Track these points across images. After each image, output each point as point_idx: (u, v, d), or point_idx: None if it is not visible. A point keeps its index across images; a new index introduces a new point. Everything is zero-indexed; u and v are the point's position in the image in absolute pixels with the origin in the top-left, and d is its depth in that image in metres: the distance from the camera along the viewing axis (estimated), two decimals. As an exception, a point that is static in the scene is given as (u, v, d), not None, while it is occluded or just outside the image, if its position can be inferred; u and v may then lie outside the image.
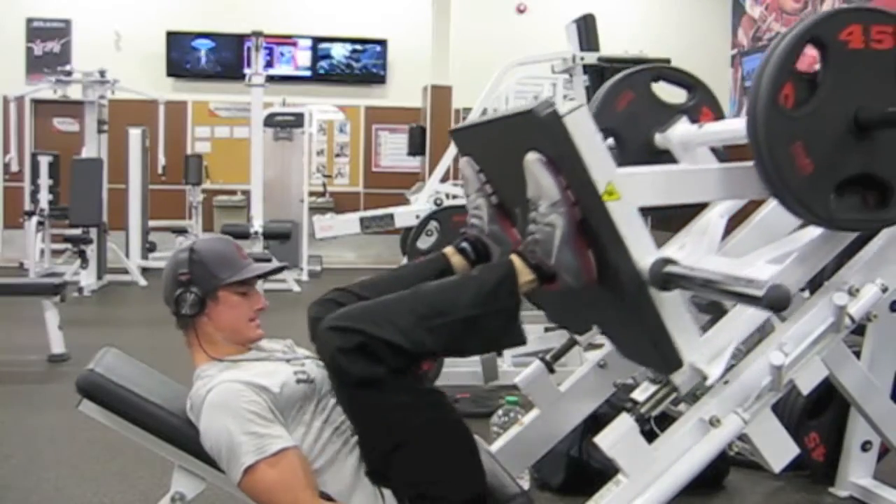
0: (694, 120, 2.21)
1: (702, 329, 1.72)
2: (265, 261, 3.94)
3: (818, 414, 2.78)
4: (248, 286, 1.88)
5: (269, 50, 10.10)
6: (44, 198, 7.61)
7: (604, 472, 1.77)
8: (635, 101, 2.23)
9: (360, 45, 10.68)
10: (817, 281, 1.84)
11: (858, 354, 2.46)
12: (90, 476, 2.87)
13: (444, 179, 5.63)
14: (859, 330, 2.35)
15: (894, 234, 1.84)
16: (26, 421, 3.50)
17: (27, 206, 8.10)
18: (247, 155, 8.05)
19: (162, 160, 8.97)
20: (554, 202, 1.59)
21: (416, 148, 8.66)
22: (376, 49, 10.67)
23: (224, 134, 10.51)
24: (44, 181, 7.64)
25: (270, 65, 10.08)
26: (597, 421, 2.15)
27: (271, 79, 8.46)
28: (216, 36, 10.42)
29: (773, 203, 1.89)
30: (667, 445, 1.67)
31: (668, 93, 2.28)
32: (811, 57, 1.58)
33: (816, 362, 1.77)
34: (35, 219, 7.59)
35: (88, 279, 7.18)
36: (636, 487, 1.63)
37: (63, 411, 2.75)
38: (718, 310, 1.86)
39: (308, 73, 10.63)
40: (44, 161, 7.71)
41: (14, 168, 9.42)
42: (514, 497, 1.75)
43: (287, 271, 6.87)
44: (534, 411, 2.25)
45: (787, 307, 1.35)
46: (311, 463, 1.70)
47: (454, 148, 5.84)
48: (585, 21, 5.21)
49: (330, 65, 10.69)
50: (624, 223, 1.55)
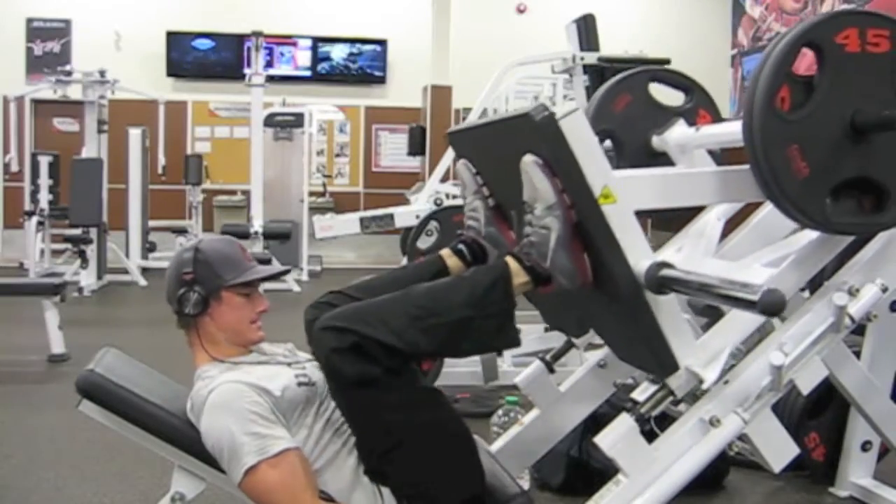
0: (691, 122, 2.22)
1: (701, 329, 1.73)
2: (266, 261, 3.94)
3: (818, 414, 2.78)
4: (252, 288, 1.89)
5: (269, 50, 10.11)
6: (44, 198, 7.62)
7: (604, 472, 1.77)
8: (633, 104, 2.23)
9: (360, 46, 10.68)
10: (817, 281, 1.85)
11: (858, 354, 2.46)
12: (90, 476, 2.87)
13: (444, 179, 5.63)
14: (859, 330, 2.35)
15: (894, 235, 1.84)
16: (26, 421, 3.50)
17: (27, 206, 8.10)
18: (247, 155, 8.06)
19: (162, 160, 8.97)
20: (550, 205, 1.59)
21: (416, 148, 8.66)
22: (376, 49, 10.67)
23: (224, 134, 10.52)
24: (44, 181, 7.64)
25: (270, 65, 10.09)
26: (597, 421, 2.16)
27: (271, 79, 8.47)
28: (216, 36, 10.42)
29: (771, 206, 1.89)
30: (667, 445, 1.68)
31: (666, 95, 2.29)
32: (810, 59, 1.58)
33: (816, 362, 1.77)
34: (35, 219, 7.59)
35: (88, 279, 7.18)
36: (636, 487, 1.63)
37: (63, 411, 2.76)
38: (715, 312, 1.86)
39: (308, 73, 10.64)
40: (44, 161, 7.72)
41: (14, 168, 9.41)
42: (514, 497, 1.75)
43: (287, 271, 6.86)
44: (534, 411, 2.25)
45: (782, 312, 1.35)
46: (312, 463, 1.70)
47: (454, 148, 5.87)
48: (585, 21, 5.20)
49: (330, 65, 10.69)
50: (619, 227, 1.55)
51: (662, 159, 2.19)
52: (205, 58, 10.46)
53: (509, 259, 1.66)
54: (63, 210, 7.68)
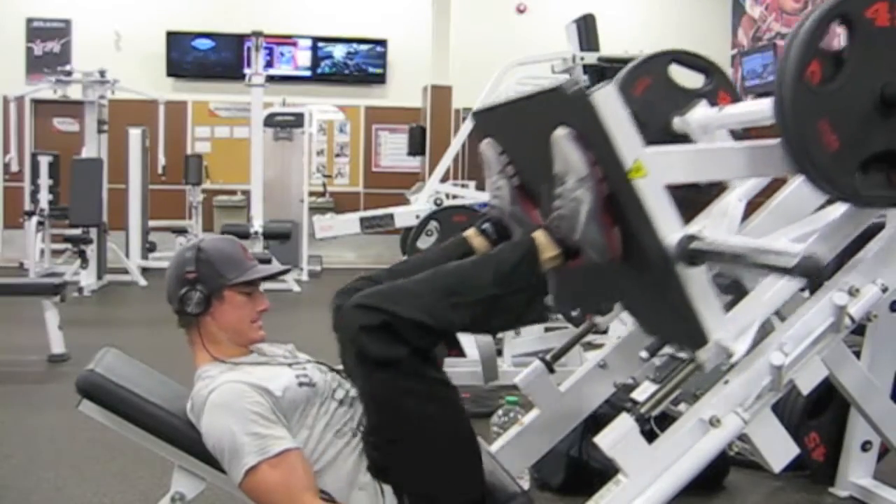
0: (712, 104, 2.21)
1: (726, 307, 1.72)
2: (266, 261, 3.94)
3: (818, 414, 2.78)
4: (253, 287, 1.89)
5: (269, 50, 10.11)
6: (44, 198, 7.62)
7: (604, 472, 1.77)
8: (652, 87, 2.22)
9: (360, 46, 10.68)
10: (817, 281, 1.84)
11: (858, 354, 2.46)
12: (90, 476, 2.87)
13: (444, 179, 5.64)
14: (859, 330, 2.35)
15: (894, 234, 1.84)
16: (26, 421, 3.50)
17: (27, 206, 8.11)
18: (247, 155, 8.06)
19: (162, 160, 8.97)
20: (581, 177, 1.59)
21: (416, 148, 8.67)
22: (376, 49, 10.67)
23: (224, 134, 10.52)
24: (44, 181, 7.65)
25: (270, 65, 10.09)
26: (597, 421, 2.15)
27: (271, 79, 8.48)
28: (216, 36, 10.43)
29: (792, 187, 1.90)
30: (667, 445, 1.67)
31: (685, 78, 2.28)
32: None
33: (816, 362, 1.77)
34: (35, 219, 7.59)
35: (88, 279, 7.18)
36: (636, 487, 1.63)
37: (63, 411, 2.76)
38: (739, 290, 1.85)
39: (308, 73, 10.64)
40: (44, 161, 7.72)
41: (14, 168, 9.42)
42: (514, 497, 1.75)
43: (287, 271, 6.87)
44: (534, 411, 2.25)
45: (819, 277, 1.34)
46: (313, 464, 1.70)
47: (454, 148, 5.88)
48: (585, 21, 5.21)
49: (330, 65, 10.70)
50: (651, 200, 1.55)
51: (683, 141, 2.19)
52: (205, 58, 10.46)
53: (538, 233, 1.65)
54: (63, 210, 7.69)
